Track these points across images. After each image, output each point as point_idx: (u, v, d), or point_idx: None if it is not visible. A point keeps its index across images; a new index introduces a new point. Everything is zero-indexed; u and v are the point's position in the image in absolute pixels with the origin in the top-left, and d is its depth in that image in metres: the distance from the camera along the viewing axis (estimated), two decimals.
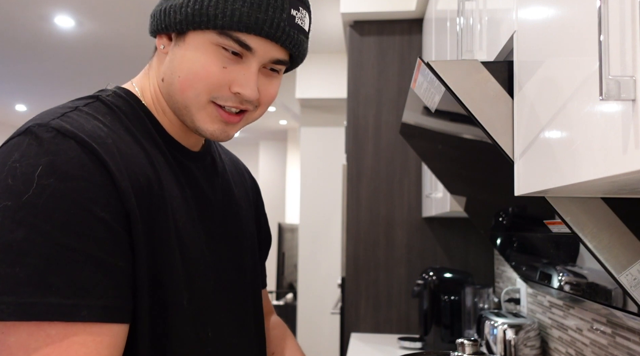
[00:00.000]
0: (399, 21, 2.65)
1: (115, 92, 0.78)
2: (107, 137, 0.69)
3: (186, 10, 0.72)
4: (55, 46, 4.38)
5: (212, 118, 0.76)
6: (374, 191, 2.60)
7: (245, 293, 0.88)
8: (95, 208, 0.64)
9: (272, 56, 0.75)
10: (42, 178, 0.62)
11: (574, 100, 0.60)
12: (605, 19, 0.48)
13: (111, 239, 0.65)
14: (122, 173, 0.67)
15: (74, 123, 0.68)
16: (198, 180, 0.83)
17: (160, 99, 0.80)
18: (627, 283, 0.74)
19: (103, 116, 0.73)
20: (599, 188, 0.65)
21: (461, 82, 0.87)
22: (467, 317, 2.11)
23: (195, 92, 0.74)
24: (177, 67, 0.74)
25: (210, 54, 0.73)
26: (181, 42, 0.74)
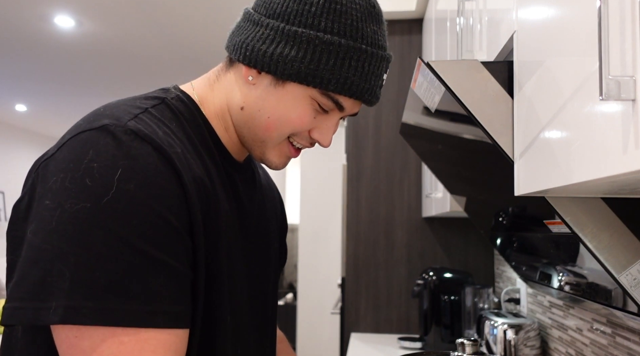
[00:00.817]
0: (399, 21, 2.64)
1: (178, 96, 0.79)
2: (177, 146, 0.70)
3: (299, 66, 0.73)
4: (55, 46, 4.38)
5: (282, 153, 0.81)
6: (374, 191, 2.60)
7: (268, 308, 0.89)
8: (170, 216, 0.65)
9: (353, 112, 0.80)
10: (122, 182, 0.62)
11: (574, 100, 0.60)
12: (605, 19, 0.48)
13: (182, 248, 0.66)
14: (190, 184, 0.68)
15: (148, 127, 0.68)
16: (240, 192, 0.83)
17: (225, 117, 0.81)
18: (627, 283, 0.74)
19: (169, 122, 0.73)
20: (599, 188, 0.65)
21: (461, 82, 0.87)
22: (467, 317, 2.11)
23: (279, 134, 0.78)
24: (268, 108, 0.76)
25: (306, 107, 0.76)
26: (279, 86, 0.75)
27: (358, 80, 0.74)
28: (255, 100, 0.77)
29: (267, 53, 0.74)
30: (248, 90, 0.77)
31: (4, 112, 6.93)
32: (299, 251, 4.52)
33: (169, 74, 4.98)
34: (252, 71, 0.76)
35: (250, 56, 0.75)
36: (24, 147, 8.16)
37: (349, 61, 0.73)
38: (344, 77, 0.73)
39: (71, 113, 6.96)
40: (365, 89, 0.76)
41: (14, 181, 7.75)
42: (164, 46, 4.26)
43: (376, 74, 0.77)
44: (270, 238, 0.92)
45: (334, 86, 0.73)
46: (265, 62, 0.74)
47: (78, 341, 0.60)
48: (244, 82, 0.78)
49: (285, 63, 0.73)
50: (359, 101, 0.77)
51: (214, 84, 0.82)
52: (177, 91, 0.80)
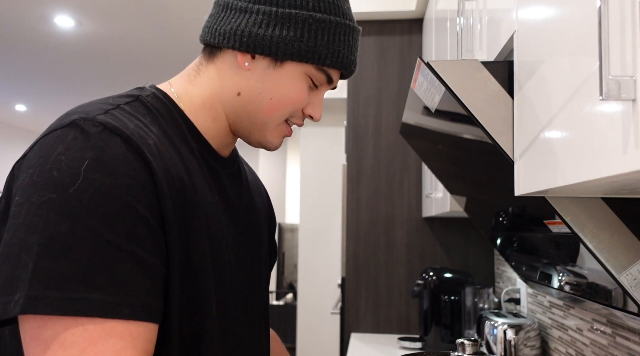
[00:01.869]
0: (399, 21, 2.64)
1: (153, 93, 0.80)
2: (149, 138, 0.70)
3: (299, 45, 0.77)
4: (55, 46, 4.38)
5: (280, 134, 0.84)
6: (374, 191, 2.60)
7: (261, 302, 0.90)
8: (139, 206, 0.64)
9: (336, 84, 0.84)
10: (89, 172, 0.62)
11: (574, 100, 0.60)
12: (605, 19, 0.48)
13: (151, 239, 0.65)
14: (161, 175, 0.68)
15: (118, 121, 0.68)
16: (226, 186, 0.84)
17: (213, 107, 0.82)
18: (627, 283, 0.74)
19: (143, 117, 0.74)
20: (599, 188, 0.65)
21: (461, 82, 0.87)
22: (467, 317, 2.11)
23: (281, 114, 0.81)
24: (269, 90, 0.79)
25: (303, 83, 0.80)
26: (278, 67, 0.78)
27: (347, 53, 0.80)
28: (254, 84, 0.79)
29: (266, 36, 0.77)
30: (244, 75, 0.79)
31: (4, 112, 6.93)
32: (299, 251, 4.52)
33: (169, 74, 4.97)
34: (246, 56, 0.78)
35: (247, 42, 0.77)
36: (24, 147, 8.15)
37: (338, 36, 0.79)
38: (337, 51, 0.79)
39: None
40: (352, 61, 0.82)
41: None
42: (164, 46, 4.26)
43: (356, 47, 0.83)
44: (261, 233, 0.93)
45: (330, 60, 0.79)
46: (265, 45, 0.77)
47: (40, 331, 0.59)
48: (238, 68, 0.79)
49: (285, 44, 0.77)
50: (346, 72, 0.83)
51: (195, 79, 0.83)
52: (152, 89, 0.81)
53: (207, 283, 0.74)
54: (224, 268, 0.78)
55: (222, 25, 0.79)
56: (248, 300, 0.85)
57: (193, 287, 0.72)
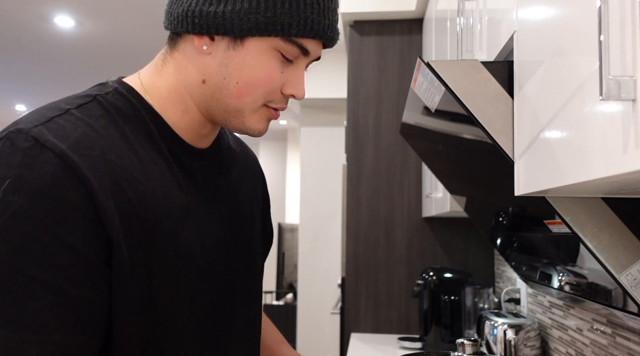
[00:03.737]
0: (399, 21, 2.64)
1: (116, 89, 0.73)
2: (95, 148, 0.64)
3: (256, 17, 0.68)
4: (55, 46, 4.38)
5: (262, 118, 0.75)
6: (374, 191, 2.60)
7: (251, 296, 0.87)
8: (62, 232, 0.58)
9: (317, 55, 0.75)
10: (8, 193, 0.57)
11: (574, 100, 0.60)
12: (605, 19, 0.48)
13: (78, 267, 0.59)
14: (105, 191, 0.62)
15: (59, 131, 0.63)
16: (202, 182, 0.78)
17: (181, 99, 0.75)
18: (627, 283, 0.74)
19: (96, 120, 0.68)
20: (599, 188, 0.65)
21: (461, 82, 0.87)
22: (467, 317, 2.11)
23: (253, 98, 0.72)
24: (234, 73, 0.71)
25: (272, 60, 0.71)
26: (239, 46, 0.70)
27: (317, 17, 0.70)
28: (216, 69, 0.71)
29: (219, 13, 0.68)
30: (205, 61, 0.72)
31: (4, 112, 6.93)
32: (299, 251, 4.52)
33: None
34: (204, 39, 0.71)
35: (200, 22, 0.69)
36: None
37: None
38: (303, 18, 0.69)
39: None
40: (326, 26, 0.72)
41: None
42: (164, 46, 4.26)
43: (331, 9, 0.73)
44: (251, 224, 0.87)
45: (296, 29, 0.69)
46: (218, 23, 0.69)
47: None
48: (198, 53, 0.72)
49: (240, 18, 0.68)
50: (322, 40, 0.73)
51: (161, 69, 0.76)
52: (117, 83, 0.75)
53: (174, 299, 0.70)
54: (201, 272, 0.74)
55: (176, 8, 0.72)
56: (235, 296, 0.81)
57: (154, 303, 0.67)
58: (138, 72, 0.78)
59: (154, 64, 0.78)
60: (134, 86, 0.75)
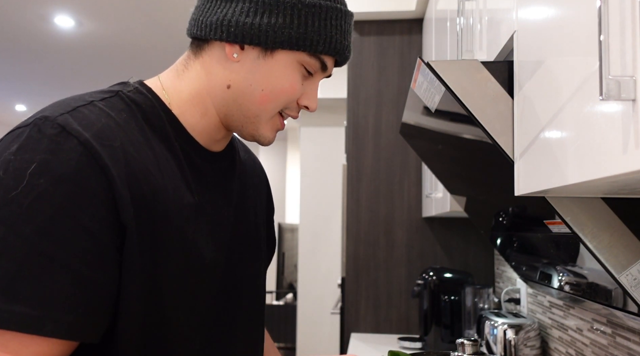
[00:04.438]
0: (399, 21, 2.64)
1: (137, 88, 0.77)
2: (116, 139, 0.67)
3: (289, 32, 0.73)
4: (55, 46, 4.38)
5: (273, 127, 0.80)
6: (374, 191, 2.60)
7: (255, 301, 0.87)
8: (83, 216, 0.61)
9: (331, 72, 0.81)
10: (34, 176, 0.60)
11: (574, 100, 0.60)
12: (605, 19, 0.48)
13: (94, 252, 0.62)
14: (122, 181, 0.64)
15: (83, 120, 0.66)
16: (212, 185, 0.80)
17: (202, 102, 0.78)
18: (627, 283, 0.74)
19: (118, 113, 0.71)
20: (599, 188, 0.65)
21: (461, 82, 0.87)
22: (467, 317, 2.11)
23: (274, 106, 0.77)
24: (260, 80, 0.75)
25: (296, 72, 0.76)
26: (268, 57, 0.75)
27: (340, 38, 0.77)
28: (244, 76, 0.76)
29: (255, 25, 0.73)
30: (233, 67, 0.76)
31: (4, 112, 6.93)
32: (299, 251, 4.52)
33: None
34: (234, 47, 0.75)
35: (235, 32, 0.74)
36: None
37: (330, 20, 0.76)
38: (329, 37, 0.76)
39: None
40: (345, 46, 0.78)
41: None
42: (164, 47, 4.26)
43: (349, 32, 0.80)
44: (257, 229, 0.90)
45: (322, 46, 0.75)
46: (253, 34, 0.73)
47: None
48: (227, 60, 0.76)
49: (274, 32, 0.73)
50: (341, 58, 0.79)
51: (183, 73, 0.79)
52: (137, 84, 0.78)
53: (178, 294, 0.72)
54: (205, 272, 0.76)
55: (208, 17, 0.76)
56: (239, 297, 0.83)
57: (160, 300, 0.69)
58: (158, 76, 0.81)
59: (175, 69, 0.81)
60: (153, 88, 0.78)
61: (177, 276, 0.71)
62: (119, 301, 0.66)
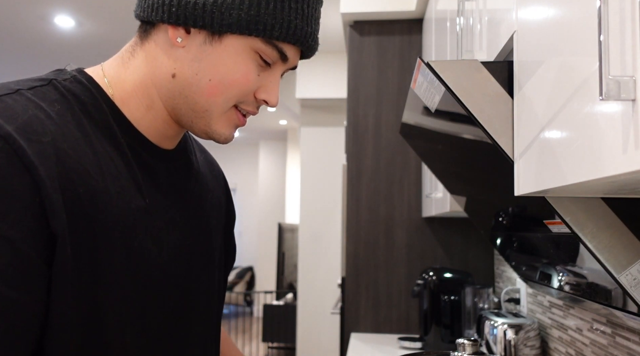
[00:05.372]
0: (399, 21, 2.64)
1: (74, 77, 0.67)
2: (46, 134, 0.58)
3: (238, 13, 0.64)
4: (55, 46, 4.38)
5: (229, 123, 0.71)
6: (374, 191, 2.60)
7: (210, 309, 0.80)
8: (1, 225, 0.53)
9: (295, 64, 0.72)
10: None
11: (573, 100, 0.60)
12: (605, 19, 0.48)
13: (15, 265, 0.53)
14: (53, 182, 0.56)
15: (7, 111, 0.57)
16: (165, 184, 0.72)
17: (147, 93, 0.70)
18: (627, 283, 0.74)
19: (50, 105, 0.62)
20: (599, 188, 0.65)
21: (461, 82, 0.87)
22: (467, 317, 2.11)
23: (225, 98, 0.68)
24: (206, 69, 0.67)
25: (249, 61, 0.68)
26: (216, 42, 0.66)
27: (301, 23, 0.67)
28: (189, 63, 0.67)
29: (198, 5, 0.64)
30: (177, 54, 0.67)
31: None
32: (299, 251, 4.52)
33: None
34: (179, 30, 0.66)
35: (177, 12, 0.65)
36: None
37: (288, 2, 0.66)
38: (287, 22, 0.66)
39: None
40: (309, 33, 0.69)
41: None
42: None
43: (315, 17, 0.70)
44: (213, 233, 0.82)
45: (278, 31, 0.66)
46: (197, 15, 0.65)
47: None
48: (171, 45, 0.67)
49: (221, 12, 0.64)
50: (302, 47, 0.70)
51: (128, 61, 0.71)
52: (76, 72, 0.69)
53: (119, 309, 0.63)
54: (153, 285, 0.67)
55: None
56: (193, 309, 0.75)
57: (98, 315, 0.61)
58: (101, 64, 0.72)
59: (120, 56, 0.72)
60: (94, 77, 0.69)
61: (121, 293, 0.63)
62: (47, 325, 0.57)
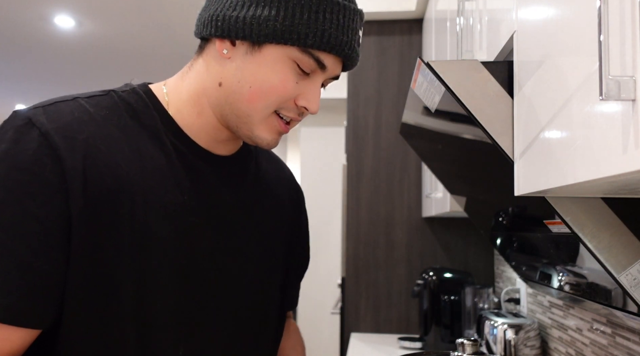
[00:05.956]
0: (399, 21, 2.64)
1: (133, 89, 0.78)
2: (82, 132, 0.68)
3: (274, 24, 0.70)
4: (55, 46, 4.38)
5: (271, 129, 0.76)
6: (374, 191, 2.60)
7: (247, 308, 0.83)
8: (31, 204, 0.63)
9: (335, 73, 0.77)
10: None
11: (574, 100, 0.60)
12: (605, 19, 0.48)
13: (40, 239, 0.63)
14: (78, 172, 0.65)
15: (54, 114, 0.68)
16: (210, 186, 0.78)
17: (199, 101, 0.78)
18: (627, 283, 0.74)
19: (99, 110, 0.72)
20: (599, 188, 0.65)
21: (461, 82, 0.87)
22: (467, 317, 2.11)
23: (264, 104, 0.74)
24: (248, 77, 0.73)
25: (287, 69, 0.73)
26: (256, 52, 0.72)
27: (335, 32, 0.72)
28: (233, 72, 0.74)
29: (239, 18, 0.71)
30: (224, 64, 0.75)
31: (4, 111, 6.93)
32: None
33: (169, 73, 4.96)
34: (225, 43, 0.74)
35: (222, 26, 0.73)
36: None
37: (322, 13, 0.71)
38: (321, 31, 0.71)
39: None
40: (345, 42, 0.73)
41: None
42: (164, 46, 4.26)
43: (352, 28, 0.74)
44: (264, 237, 0.86)
45: (312, 39, 0.71)
46: (238, 28, 0.72)
47: None
48: (219, 57, 0.75)
49: (259, 24, 0.71)
50: (339, 56, 0.74)
51: (186, 74, 0.80)
52: (138, 85, 0.79)
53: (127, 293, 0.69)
54: (175, 268, 0.73)
55: (203, 14, 0.76)
56: (227, 305, 0.79)
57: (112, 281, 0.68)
58: (165, 80, 0.82)
59: (181, 71, 0.82)
60: (153, 89, 0.79)
61: (136, 273, 0.69)
62: (65, 293, 0.66)
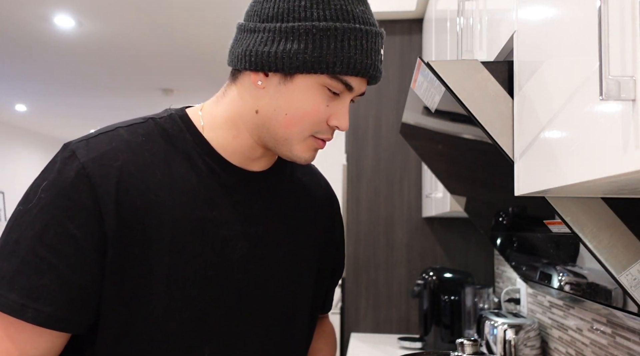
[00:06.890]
0: (399, 21, 2.64)
1: (171, 115, 0.85)
2: (118, 160, 0.77)
3: (304, 57, 0.76)
4: (55, 46, 4.38)
5: (308, 148, 0.84)
6: (374, 191, 2.60)
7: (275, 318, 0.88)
8: (71, 226, 0.73)
9: (361, 91, 0.83)
10: (43, 191, 0.74)
11: (573, 100, 0.60)
12: (605, 19, 0.48)
13: (77, 256, 0.73)
14: (111, 197, 0.75)
15: (96, 145, 0.78)
16: (243, 201, 0.85)
17: (235, 125, 0.84)
18: (627, 283, 0.74)
19: (136, 137, 0.80)
20: (599, 188, 0.65)
21: (461, 82, 0.87)
22: (467, 317, 2.11)
23: (300, 129, 0.80)
24: (283, 105, 0.79)
25: (318, 95, 0.79)
26: (289, 82, 0.78)
27: (360, 57, 0.78)
28: (268, 101, 0.80)
29: (272, 53, 0.77)
30: (259, 94, 0.81)
31: (4, 112, 6.93)
32: None
33: (169, 74, 4.98)
34: (259, 75, 0.80)
35: (255, 61, 0.79)
36: (24, 148, 8.15)
37: (347, 41, 0.77)
38: (347, 58, 0.77)
39: (71, 113, 6.95)
40: (369, 65, 0.79)
41: (14, 181, 7.74)
42: (164, 46, 4.26)
43: (375, 50, 0.80)
44: (298, 248, 0.91)
45: (340, 67, 0.77)
46: (271, 62, 0.78)
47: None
48: (254, 87, 0.81)
49: (290, 57, 0.77)
50: (365, 77, 0.80)
51: (221, 99, 0.86)
52: (175, 110, 0.86)
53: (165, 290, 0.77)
54: (205, 280, 0.80)
55: (237, 48, 0.82)
56: (256, 312, 0.85)
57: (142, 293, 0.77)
58: (203, 103, 0.89)
59: (216, 96, 0.88)
60: (190, 113, 0.86)
61: (168, 286, 0.77)
62: (100, 304, 0.76)
